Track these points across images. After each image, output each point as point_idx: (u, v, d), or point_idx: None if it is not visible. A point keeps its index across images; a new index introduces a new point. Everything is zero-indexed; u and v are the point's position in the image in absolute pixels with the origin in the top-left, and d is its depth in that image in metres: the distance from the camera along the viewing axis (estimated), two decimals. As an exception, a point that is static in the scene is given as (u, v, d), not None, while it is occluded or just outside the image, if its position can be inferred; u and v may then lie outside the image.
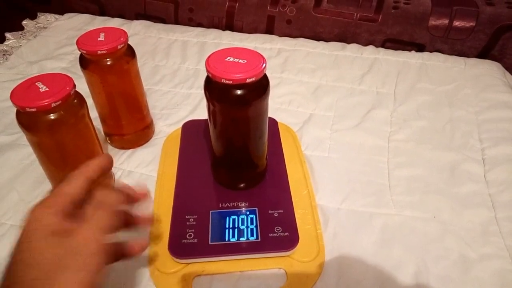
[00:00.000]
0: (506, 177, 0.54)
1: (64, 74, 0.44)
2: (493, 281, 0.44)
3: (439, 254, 0.46)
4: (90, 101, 0.48)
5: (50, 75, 0.44)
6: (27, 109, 0.40)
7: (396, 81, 0.72)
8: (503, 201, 0.52)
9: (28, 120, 0.42)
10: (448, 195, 0.52)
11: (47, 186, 0.50)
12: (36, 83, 0.42)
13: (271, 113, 0.47)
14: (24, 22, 0.89)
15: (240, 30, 0.87)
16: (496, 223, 0.49)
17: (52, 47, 0.80)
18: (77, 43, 0.49)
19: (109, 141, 0.59)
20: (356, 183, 0.54)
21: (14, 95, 0.41)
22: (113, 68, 0.50)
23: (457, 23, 0.77)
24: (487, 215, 0.50)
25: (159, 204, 0.50)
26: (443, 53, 0.79)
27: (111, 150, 0.58)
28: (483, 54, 0.79)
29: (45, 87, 0.42)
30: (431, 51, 0.80)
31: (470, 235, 0.48)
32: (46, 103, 0.40)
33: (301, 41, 0.82)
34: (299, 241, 0.45)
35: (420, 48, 0.81)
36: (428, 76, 0.73)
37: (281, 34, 0.85)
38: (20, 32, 0.86)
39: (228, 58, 0.41)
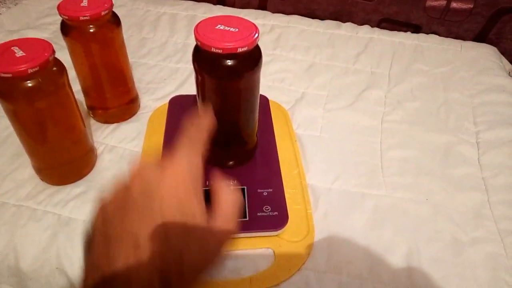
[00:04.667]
0: (500, 161, 0.54)
1: (42, 39, 0.41)
2: (484, 264, 0.43)
3: (431, 236, 0.45)
4: (72, 73, 0.46)
5: (27, 39, 0.41)
6: (2, 75, 0.37)
7: (391, 62, 0.70)
8: (496, 185, 0.51)
9: (3, 87, 0.39)
10: (441, 177, 0.51)
11: (26, 159, 0.48)
12: (12, 48, 0.40)
13: (262, 91, 0.45)
14: (4, -10, 0.84)
15: (232, 4, 0.84)
16: (488, 206, 0.48)
17: (33, 16, 0.76)
18: (58, 8, 0.46)
19: (92, 115, 0.56)
20: (348, 163, 0.53)
21: (-12, 60, 0.38)
22: (96, 36, 0.47)
23: (454, 4, 0.75)
24: (480, 199, 0.49)
25: (143, 181, 0.48)
26: (439, 36, 0.78)
27: (94, 124, 0.56)
28: (480, 38, 0.78)
29: (21, 52, 0.39)
30: (427, 33, 0.78)
31: (462, 218, 0.47)
32: (23, 69, 0.38)
33: (295, 18, 0.79)
34: (289, 221, 0.43)
35: (416, 29, 0.79)
36: (423, 58, 0.72)
37: (275, 10, 0.82)
38: None
39: (219, 26, 0.39)
